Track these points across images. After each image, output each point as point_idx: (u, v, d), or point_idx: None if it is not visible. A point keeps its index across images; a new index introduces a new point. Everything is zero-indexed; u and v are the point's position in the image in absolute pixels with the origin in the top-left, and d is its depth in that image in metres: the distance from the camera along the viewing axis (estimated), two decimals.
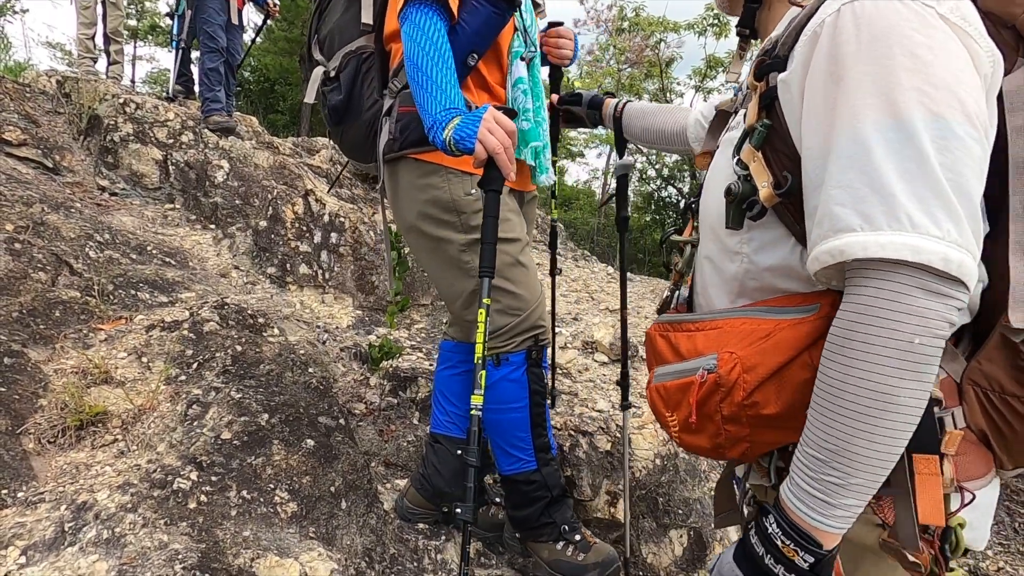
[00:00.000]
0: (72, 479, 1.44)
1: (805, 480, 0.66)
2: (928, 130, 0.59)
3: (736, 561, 0.73)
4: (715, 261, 0.84)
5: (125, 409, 1.70)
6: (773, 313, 0.75)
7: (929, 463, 0.67)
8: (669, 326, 0.87)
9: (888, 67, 0.61)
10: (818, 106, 0.66)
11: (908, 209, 0.59)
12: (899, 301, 0.60)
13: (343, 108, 1.52)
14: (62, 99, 4.10)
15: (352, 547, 1.57)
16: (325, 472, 1.73)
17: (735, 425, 0.74)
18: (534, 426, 1.54)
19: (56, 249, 2.34)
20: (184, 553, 1.24)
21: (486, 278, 1.26)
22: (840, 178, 0.63)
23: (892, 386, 0.60)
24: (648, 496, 2.06)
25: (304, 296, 3.01)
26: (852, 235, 0.61)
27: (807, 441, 0.66)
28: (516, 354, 1.50)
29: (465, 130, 1.20)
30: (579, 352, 2.82)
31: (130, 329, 2.14)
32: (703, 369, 0.76)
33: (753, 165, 0.74)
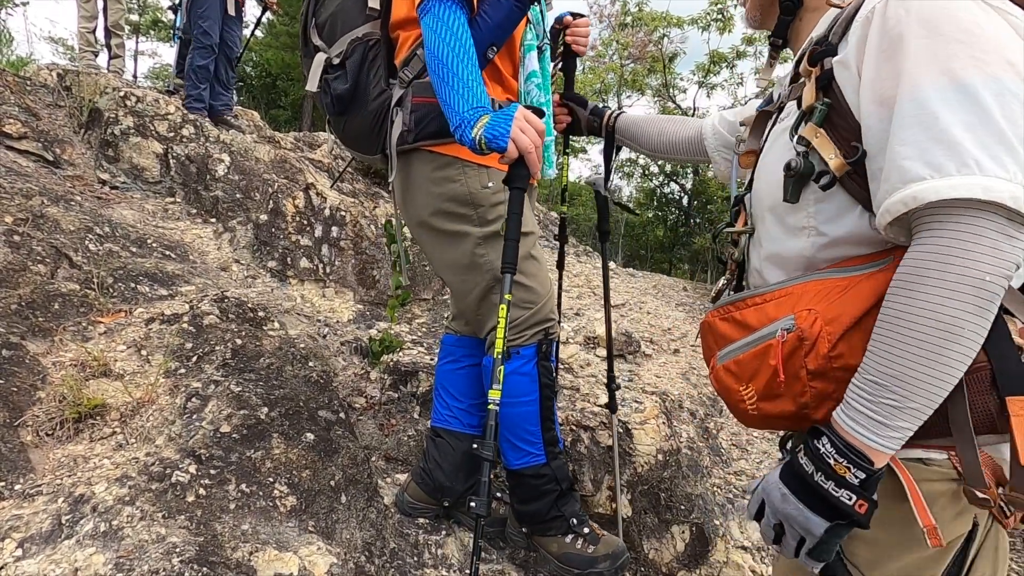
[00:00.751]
0: (70, 472, 1.43)
1: (863, 403, 0.71)
2: (986, 88, 0.65)
3: (784, 479, 0.77)
4: (777, 242, 0.88)
5: (124, 402, 1.69)
6: (845, 272, 0.78)
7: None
8: (731, 306, 0.89)
9: (941, 42, 0.67)
10: (876, 79, 0.72)
11: (975, 155, 0.64)
12: (973, 240, 0.64)
13: (349, 97, 1.48)
14: (63, 92, 4.09)
15: (352, 541, 1.56)
16: (325, 466, 1.72)
17: (822, 381, 0.76)
18: (543, 420, 1.53)
19: (55, 241, 2.32)
20: (182, 546, 1.23)
21: (508, 274, 1.26)
22: (904, 136, 0.68)
23: (958, 318, 0.65)
24: (650, 491, 2.04)
25: (305, 290, 2.99)
26: (923, 183, 0.66)
27: (867, 368, 0.71)
28: (527, 347, 1.49)
29: (497, 129, 1.20)
30: (581, 347, 2.80)
31: (129, 322, 2.13)
32: (782, 330, 0.78)
33: (816, 140, 0.79)
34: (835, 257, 0.81)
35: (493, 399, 1.19)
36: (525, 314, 1.48)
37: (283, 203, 3.13)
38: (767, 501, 0.80)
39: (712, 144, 1.36)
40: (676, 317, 3.57)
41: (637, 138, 1.53)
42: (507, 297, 1.25)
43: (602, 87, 12.65)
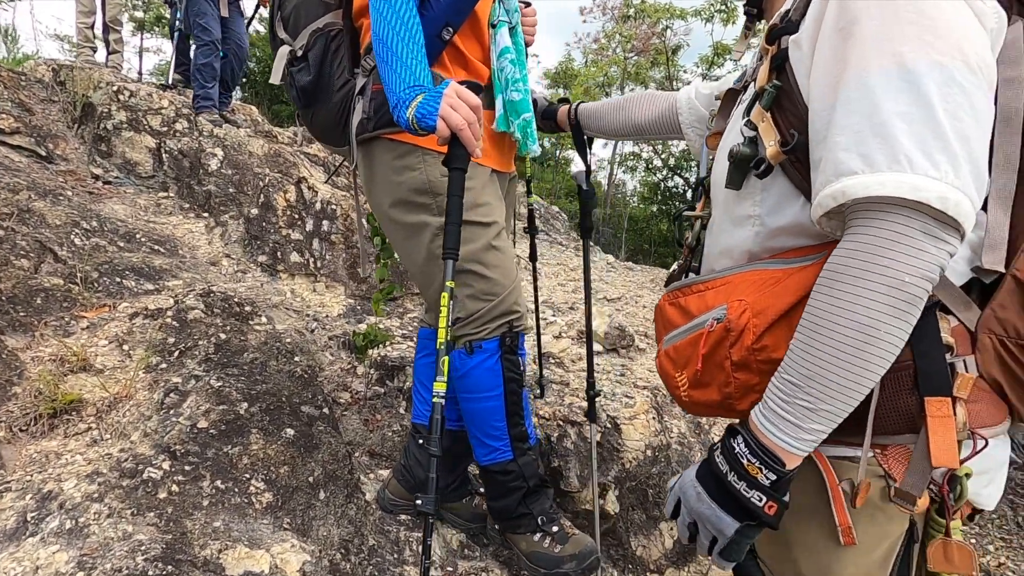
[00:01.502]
0: (41, 468, 1.41)
1: (778, 403, 0.70)
2: (931, 77, 0.61)
3: (699, 478, 0.77)
4: (726, 229, 0.86)
5: (100, 397, 1.67)
6: (783, 263, 0.77)
7: (942, 405, 0.69)
8: (679, 292, 0.89)
9: (894, 23, 0.63)
10: (827, 60, 0.68)
11: (908, 150, 0.61)
12: (895, 240, 0.62)
13: (312, 89, 1.45)
14: (57, 87, 4.08)
15: (328, 538, 1.53)
16: (304, 462, 1.70)
17: (745, 372, 0.76)
18: (510, 415, 1.50)
19: (41, 236, 2.31)
20: (148, 544, 1.20)
21: (450, 260, 1.21)
22: (844, 123, 0.65)
23: (876, 320, 0.63)
24: (638, 488, 2.01)
25: (295, 284, 2.97)
26: (854, 177, 0.63)
27: (785, 368, 0.69)
28: (489, 341, 1.45)
29: (427, 107, 1.15)
30: (573, 341, 2.77)
31: (113, 317, 2.12)
32: (713, 319, 0.78)
33: (762, 125, 0.76)
34: (777, 248, 0.79)
35: (437, 391, 1.15)
36: (486, 306, 1.44)
37: (274, 197, 3.11)
38: (683, 499, 0.79)
39: (687, 119, 1.32)
40: None
41: (601, 127, 1.50)
42: (448, 284, 1.21)
43: (605, 80, 12.54)
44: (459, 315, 1.48)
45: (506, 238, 1.54)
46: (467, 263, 1.43)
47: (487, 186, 1.49)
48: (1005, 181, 0.73)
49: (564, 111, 1.56)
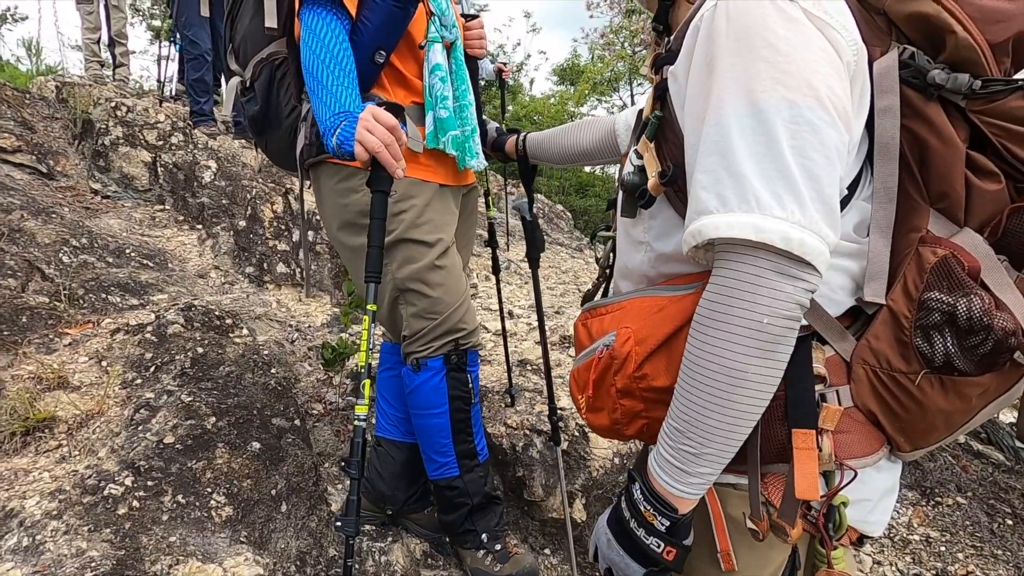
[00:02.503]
0: (8, 486, 1.48)
1: (666, 449, 0.70)
2: (779, 115, 0.62)
3: (608, 524, 0.78)
4: (626, 251, 0.87)
5: (73, 414, 1.74)
6: (668, 291, 0.78)
7: (806, 438, 0.70)
8: (589, 313, 0.90)
9: (749, 59, 0.64)
10: (695, 95, 0.69)
11: (756, 190, 0.62)
12: (750, 282, 0.63)
13: (261, 118, 1.48)
14: (59, 104, 4.20)
15: (286, 551, 1.58)
16: (268, 475, 1.74)
17: (629, 399, 0.77)
18: (456, 432, 1.52)
19: (29, 255, 2.39)
20: (99, 560, 1.26)
21: (371, 283, 1.24)
22: (704, 162, 0.66)
23: (742, 363, 0.64)
24: (605, 496, 2.02)
25: (281, 295, 3.03)
26: (709, 217, 0.64)
27: (671, 413, 0.70)
28: (434, 359, 1.47)
29: (346, 132, 1.18)
30: (554, 347, 2.78)
31: (96, 333, 2.19)
32: (602, 346, 0.79)
33: (646, 156, 0.77)
34: (668, 273, 0.81)
35: (358, 415, 1.17)
36: (430, 325, 1.46)
37: (261, 209, 3.17)
38: (598, 545, 0.80)
39: (624, 140, 1.33)
40: None
41: (548, 154, 1.50)
42: (370, 308, 1.22)
43: (613, 75, 12.45)
44: (405, 333, 1.51)
45: (454, 255, 1.55)
46: (410, 282, 1.45)
47: (432, 203, 1.50)
48: (885, 212, 0.73)
49: (512, 142, 1.57)
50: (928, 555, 1.90)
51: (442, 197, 1.55)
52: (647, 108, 0.79)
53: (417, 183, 1.47)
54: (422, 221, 1.46)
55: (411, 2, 1.33)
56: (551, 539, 2.00)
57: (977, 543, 1.90)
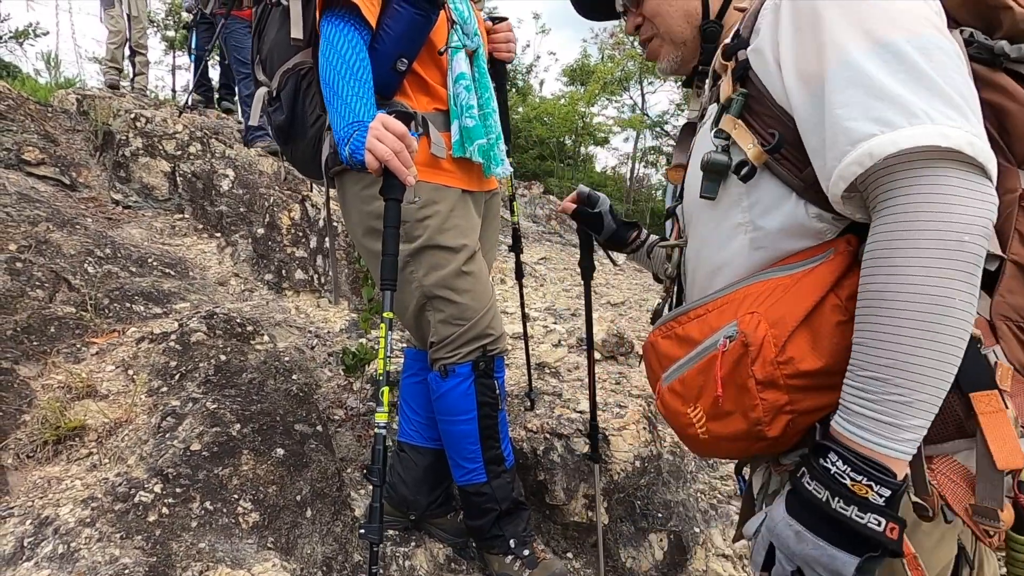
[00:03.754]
0: (42, 494, 1.51)
1: (866, 406, 0.62)
2: (908, 44, 0.63)
3: (793, 514, 0.66)
4: (714, 247, 0.82)
5: (103, 423, 1.77)
6: (787, 269, 0.73)
7: (990, 399, 0.63)
8: (673, 322, 0.83)
9: (854, 4, 0.66)
10: (800, 56, 0.69)
11: (920, 106, 0.60)
12: (943, 198, 0.59)
13: (287, 127, 1.50)
14: (80, 117, 4.28)
15: (312, 556, 1.59)
16: (293, 481, 1.76)
17: (772, 391, 0.69)
18: (484, 438, 1.53)
19: (55, 266, 2.44)
20: (132, 567, 1.28)
21: (387, 291, 1.24)
22: (842, 98, 0.64)
23: (946, 287, 0.59)
24: (626, 499, 2.02)
25: (300, 301, 3.06)
26: (873, 139, 0.61)
27: (860, 365, 0.63)
28: (462, 366, 1.48)
29: (357, 141, 1.19)
30: (571, 350, 2.78)
31: (121, 342, 2.23)
32: (724, 338, 0.72)
33: (735, 132, 0.76)
34: (775, 256, 0.76)
35: (378, 422, 1.18)
36: (456, 331, 1.47)
37: (279, 216, 3.21)
38: (777, 544, 0.67)
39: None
40: None
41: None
42: (387, 315, 1.23)
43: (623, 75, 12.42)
44: (433, 339, 1.52)
45: (480, 261, 1.55)
46: (437, 289, 1.46)
47: (456, 208, 1.51)
48: None
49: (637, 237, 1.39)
50: None
51: (466, 202, 1.56)
52: (726, 90, 0.79)
53: (440, 189, 1.48)
54: (447, 227, 1.47)
55: (433, 10, 1.34)
56: (573, 543, 2.00)
57: None
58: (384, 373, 1.22)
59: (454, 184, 1.51)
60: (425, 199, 1.44)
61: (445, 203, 1.48)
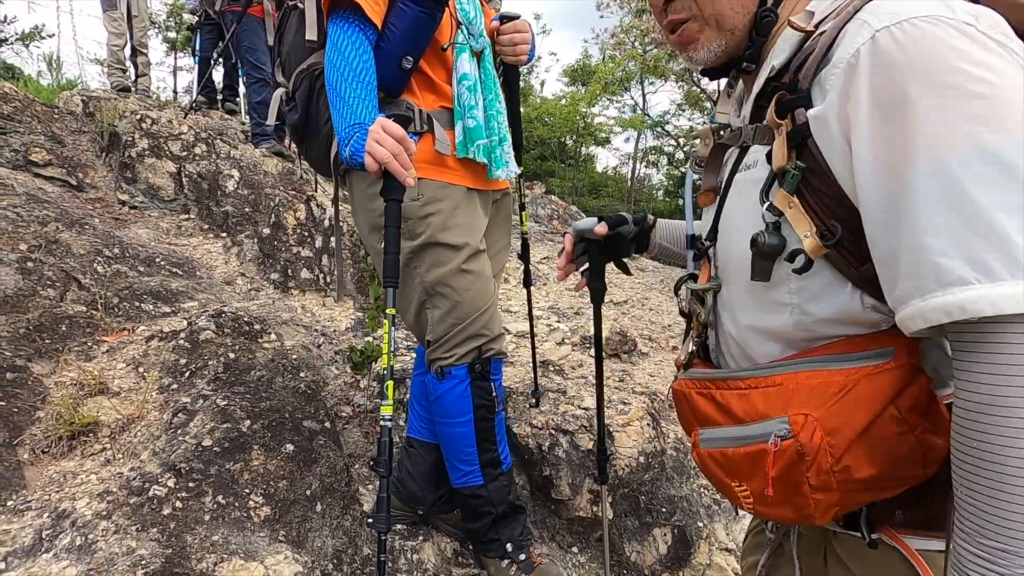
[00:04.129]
0: (58, 488, 1.54)
1: (993, 570, 0.57)
2: (1021, 155, 0.53)
3: None
4: (754, 314, 0.77)
5: (115, 419, 1.80)
6: (839, 362, 0.68)
7: None
8: (710, 384, 0.78)
9: (955, 96, 0.55)
10: (876, 142, 0.60)
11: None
12: None
13: (301, 126, 1.53)
14: (86, 118, 4.31)
15: (322, 549, 1.62)
16: (303, 476, 1.79)
17: (825, 493, 0.67)
18: (480, 440, 1.54)
19: (66, 266, 2.47)
20: (148, 559, 1.31)
21: (390, 288, 1.27)
22: (932, 222, 0.56)
23: None
24: (630, 495, 2.04)
25: (306, 300, 3.09)
26: (969, 289, 0.55)
27: (981, 532, 0.57)
28: (458, 368, 1.49)
29: (357, 144, 1.22)
30: (575, 348, 2.80)
31: (131, 340, 2.26)
32: (775, 436, 0.67)
33: (790, 212, 0.68)
34: (825, 336, 0.71)
35: (384, 415, 1.20)
36: (453, 330, 1.48)
37: (284, 216, 3.24)
38: None
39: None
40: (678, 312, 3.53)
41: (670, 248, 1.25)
42: (389, 311, 1.26)
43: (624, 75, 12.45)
44: (429, 338, 1.53)
45: (483, 260, 1.56)
46: (437, 286, 1.48)
47: (460, 206, 1.52)
48: None
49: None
50: None
51: (471, 201, 1.56)
52: (779, 157, 0.69)
53: (445, 186, 1.50)
54: (450, 224, 1.48)
55: (437, 8, 1.36)
56: (579, 537, 2.03)
57: None
58: (388, 368, 1.24)
59: (459, 182, 1.53)
60: (429, 196, 1.45)
61: (449, 201, 1.50)
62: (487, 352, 1.52)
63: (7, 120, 3.74)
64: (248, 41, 4.63)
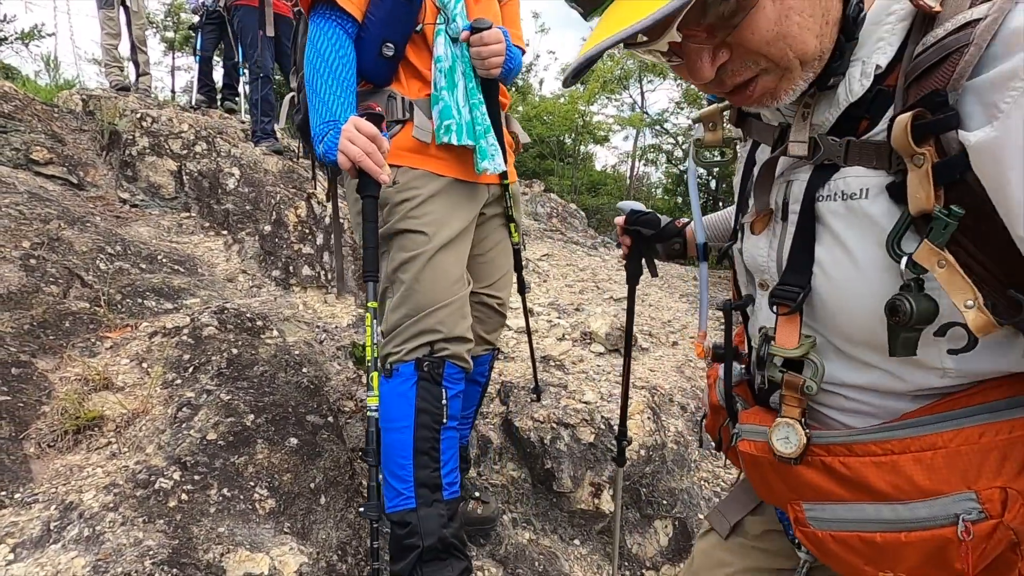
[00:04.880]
0: (65, 481, 1.55)
1: None
2: None
3: None
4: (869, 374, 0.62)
5: (120, 413, 1.81)
6: (1008, 411, 0.56)
7: None
8: (820, 450, 0.63)
9: None
10: None
11: None
12: None
13: (305, 127, 1.51)
14: (86, 117, 4.32)
15: (327, 541, 1.63)
16: (307, 469, 1.80)
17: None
18: (418, 453, 1.33)
19: (68, 263, 2.48)
20: (156, 549, 1.32)
21: (370, 282, 1.27)
22: None
23: None
24: (631, 487, 2.06)
25: (307, 297, 3.10)
26: None
27: None
28: (405, 364, 1.37)
29: (330, 142, 1.23)
30: (575, 343, 2.82)
31: (135, 336, 2.27)
32: (964, 520, 0.54)
33: (941, 272, 0.52)
34: (968, 381, 0.59)
35: (370, 405, 1.20)
36: (405, 321, 1.37)
37: (285, 213, 3.25)
38: None
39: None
40: (678, 309, 3.55)
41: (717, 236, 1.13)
42: (371, 305, 1.25)
43: (623, 73, 12.47)
44: (382, 329, 1.45)
45: (454, 254, 1.43)
46: (396, 272, 1.40)
47: (438, 196, 1.44)
48: None
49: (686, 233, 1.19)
50: None
51: (452, 192, 1.47)
52: (922, 198, 0.52)
53: (425, 175, 1.44)
54: (419, 213, 1.41)
55: None
56: (580, 529, 2.04)
57: None
58: (372, 359, 1.24)
59: (442, 171, 1.45)
60: (403, 184, 1.41)
61: (426, 188, 1.43)
62: (440, 351, 1.38)
63: (8, 119, 3.75)
64: (250, 36, 4.63)
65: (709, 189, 12.62)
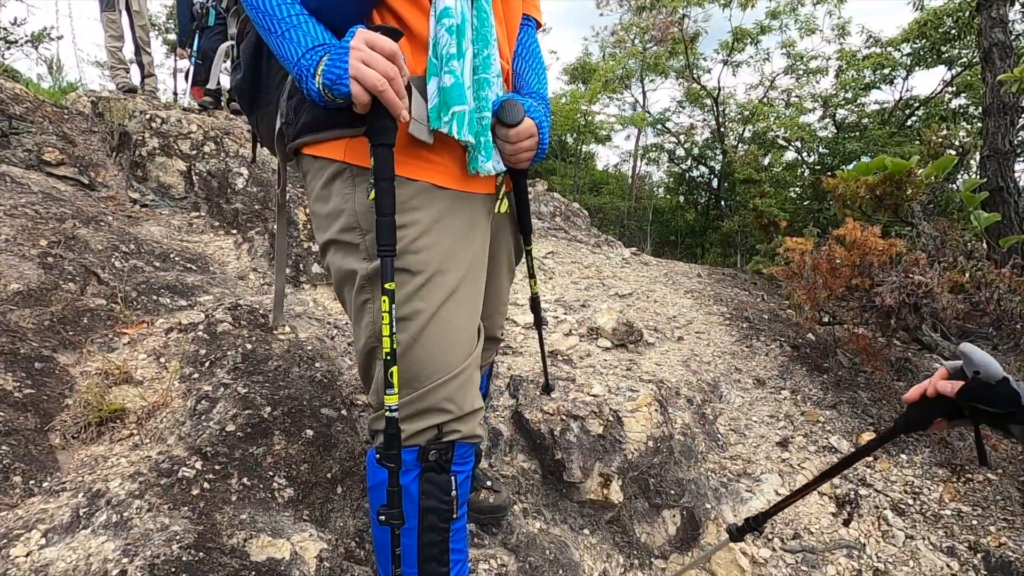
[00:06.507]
0: (91, 470, 1.59)
1: None
2: None
3: None
4: None
5: (141, 406, 1.86)
6: None
7: None
8: None
9: None
10: None
11: None
12: None
13: (249, 89, 1.13)
14: (95, 118, 4.37)
15: (344, 528, 1.68)
16: (323, 460, 1.85)
17: None
18: (424, 559, 1.05)
19: (85, 261, 2.53)
20: (182, 534, 1.36)
21: (385, 258, 0.94)
22: None
23: None
24: (640, 477, 2.10)
25: (317, 294, 3.15)
26: None
27: None
28: (408, 450, 1.02)
29: (334, 69, 0.87)
30: (582, 339, 2.86)
31: (151, 332, 2.31)
32: None
33: None
34: None
35: (388, 404, 0.94)
36: (406, 396, 1.02)
37: (294, 212, 3.29)
38: None
39: None
40: (683, 304, 3.58)
41: None
42: (387, 286, 0.93)
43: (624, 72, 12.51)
44: (371, 401, 1.12)
45: (467, 300, 1.08)
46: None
47: (444, 220, 1.05)
48: None
49: None
50: (960, 528, 1.95)
51: (459, 211, 1.08)
52: None
53: (427, 189, 1.04)
54: (421, 246, 1.03)
55: None
56: (589, 519, 2.08)
57: (1008, 516, 1.94)
58: (390, 352, 0.94)
59: (442, 182, 1.06)
60: (402, 202, 1.00)
61: (430, 210, 1.04)
62: (449, 434, 1.04)
63: (20, 120, 3.80)
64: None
65: (711, 188, 12.65)
